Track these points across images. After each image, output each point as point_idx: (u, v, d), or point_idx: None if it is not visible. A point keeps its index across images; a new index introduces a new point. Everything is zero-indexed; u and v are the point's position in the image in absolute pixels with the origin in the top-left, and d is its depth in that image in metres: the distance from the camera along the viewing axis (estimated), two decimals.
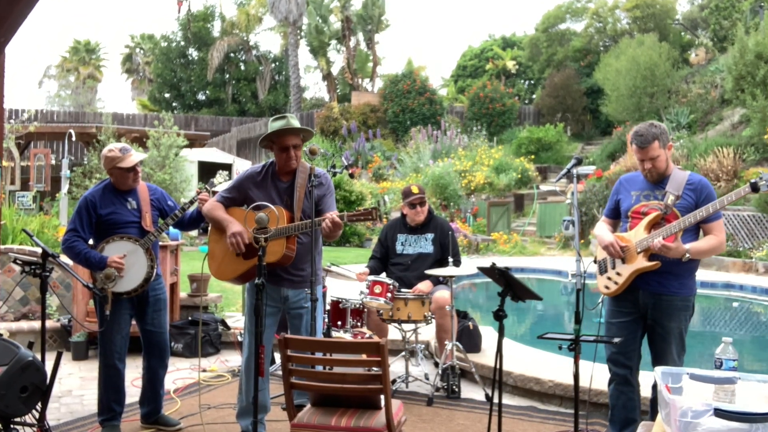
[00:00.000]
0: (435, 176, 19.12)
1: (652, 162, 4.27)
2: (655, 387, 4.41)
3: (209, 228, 4.79)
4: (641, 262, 4.24)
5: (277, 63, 38.51)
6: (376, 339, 5.15)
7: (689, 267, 4.30)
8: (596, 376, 4.54)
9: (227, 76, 37.29)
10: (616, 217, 4.60)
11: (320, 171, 4.65)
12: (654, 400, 4.42)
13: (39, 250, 4.52)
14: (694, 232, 4.28)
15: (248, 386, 4.60)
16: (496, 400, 3.91)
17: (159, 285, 5.09)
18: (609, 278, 4.42)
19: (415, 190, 6.38)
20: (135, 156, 4.93)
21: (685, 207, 4.22)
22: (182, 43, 37.61)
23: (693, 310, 4.39)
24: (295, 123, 4.55)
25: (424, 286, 6.10)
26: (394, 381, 6.10)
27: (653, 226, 4.27)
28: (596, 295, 4.55)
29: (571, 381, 3.95)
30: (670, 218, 4.23)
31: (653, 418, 4.28)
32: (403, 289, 6.12)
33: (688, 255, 4.11)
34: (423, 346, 6.75)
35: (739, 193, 4.05)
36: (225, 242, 4.53)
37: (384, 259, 6.56)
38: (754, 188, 3.96)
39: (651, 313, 4.33)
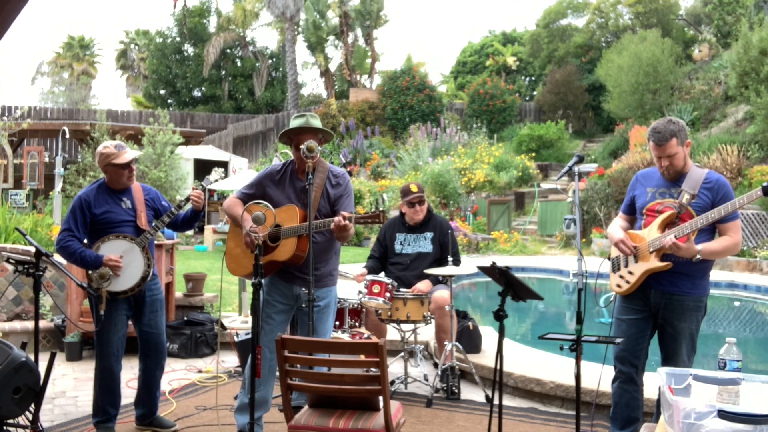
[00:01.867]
0: (434, 174, 19.12)
1: (669, 159, 4.23)
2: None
3: (229, 225, 4.85)
4: (653, 262, 4.23)
5: (274, 59, 38.46)
6: (374, 339, 5.14)
7: (702, 267, 4.28)
8: (586, 375, 4.53)
9: (223, 72, 37.23)
10: (633, 213, 4.59)
11: (340, 171, 4.71)
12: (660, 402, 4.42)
13: (32, 249, 4.52)
14: (709, 231, 4.26)
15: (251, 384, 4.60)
16: (496, 401, 3.91)
17: (155, 285, 5.09)
18: (621, 277, 4.42)
19: (414, 188, 6.38)
20: (130, 153, 4.95)
21: (701, 206, 4.19)
22: (178, 38, 37.54)
23: (705, 311, 4.37)
24: (315, 122, 4.62)
25: (423, 285, 6.10)
26: (392, 382, 6.10)
27: (667, 225, 4.24)
28: (599, 295, 4.55)
29: (572, 382, 3.95)
30: (685, 217, 4.20)
31: (658, 415, 4.29)
32: (402, 289, 6.12)
33: (699, 256, 4.09)
34: (422, 346, 6.75)
35: (751, 196, 4.00)
36: (241, 238, 4.61)
37: (382, 259, 6.56)
38: (766, 192, 3.92)
39: (662, 313, 4.32)
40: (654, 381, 4.51)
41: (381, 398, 3.57)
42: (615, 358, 4.51)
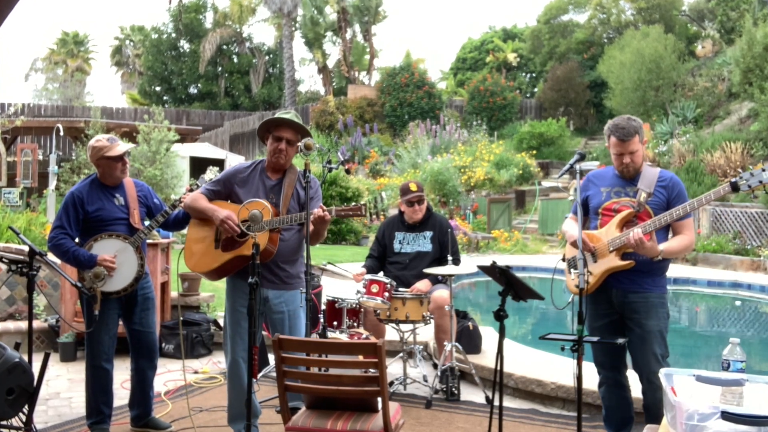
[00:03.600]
0: (434, 172, 19.10)
1: (631, 156, 4.28)
2: (645, 393, 4.42)
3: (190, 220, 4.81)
4: (614, 261, 4.25)
5: (271, 55, 38.46)
6: (373, 340, 5.14)
7: (661, 266, 4.33)
8: (587, 376, 4.53)
9: (220, 69, 37.22)
10: (585, 214, 4.59)
11: (310, 176, 4.68)
12: (647, 407, 4.42)
13: (26, 248, 4.51)
14: (664, 229, 4.31)
15: (236, 392, 4.60)
16: (496, 402, 3.91)
17: (147, 284, 5.09)
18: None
19: (413, 187, 6.37)
20: (122, 146, 4.94)
21: (657, 204, 4.25)
22: (173, 34, 37.53)
23: (667, 310, 4.41)
24: (299, 122, 4.62)
25: (422, 285, 6.09)
26: (391, 383, 6.09)
27: (625, 224, 4.28)
28: (568, 294, 4.56)
29: (573, 383, 3.95)
30: (643, 216, 4.25)
31: (648, 421, 4.29)
32: (401, 289, 6.11)
33: (660, 257, 4.15)
34: (421, 347, 6.74)
35: (718, 192, 4.05)
36: (204, 233, 4.59)
37: (381, 258, 6.56)
38: (734, 188, 3.94)
39: (628, 314, 4.34)
40: (636, 382, 4.53)
41: (380, 399, 3.57)
42: (596, 364, 4.53)
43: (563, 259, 4.59)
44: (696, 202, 4.10)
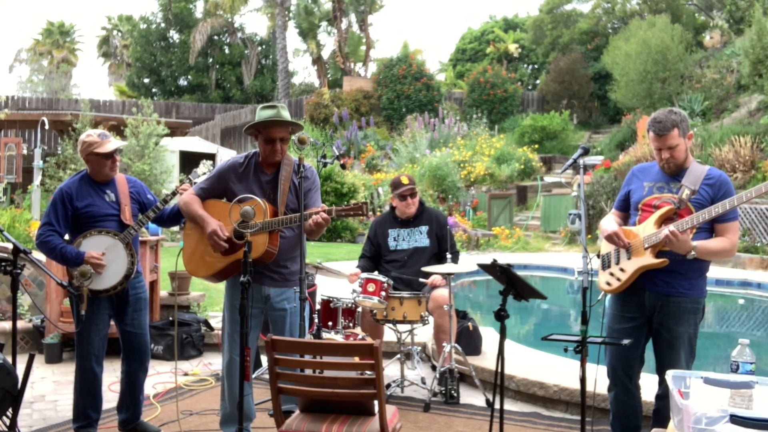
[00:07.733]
0: (432, 167, 19.11)
1: (670, 151, 4.18)
2: (658, 397, 4.40)
3: (186, 222, 4.81)
4: (648, 259, 4.17)
5: (264, 46, 38.42)
6: (369, 340, 5.14)
7: (699, 267, 4.23)
8: (601, 379, 4.53)
9: (210, 60, 37.19)
10: (627, 209, 4.53)
11: (306, 164, 4.66)
12: (657, 411, 4.40)
13: (10, 246, 4.51)
14: (708, 231, 4.20)
15: (231, 392, 4.60)
16: (497, 405, 3.91)
17: (140, 283, 5.08)
18: (611, 274, 4.36)
19: (404, 180, 6.36)
20: (113, 143, 4.94)
21: (701, 203, 4.14)
22: (162, 24, 37.50)
23: (703, 314, 4.32)
24: (286, 114, 4.57)
25: (437, 277, 6.10)
26: (388, 385, 6.09)
27: (665, 221, 4.19)
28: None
29: (577, 385, 3.94)
30: (684, 213, 4.15)
31: (655, 425, 4.28)
32: (401, 288, 6.12)
33: (693, 253, 4.03)
34: (419, 348, 6.74)
35: (760, 189, 3.92)
36: (201, 237, 4.59)
37: (375, 258, 6.54)
38: None
39: (657, 317, 4.27)
40: (652, 384, 4.51)
41: (376, 402, 3.57)
42: (608, 368, 4.47)
43: (598, 255, 4.52)
44: (735, 199, 3.99)
